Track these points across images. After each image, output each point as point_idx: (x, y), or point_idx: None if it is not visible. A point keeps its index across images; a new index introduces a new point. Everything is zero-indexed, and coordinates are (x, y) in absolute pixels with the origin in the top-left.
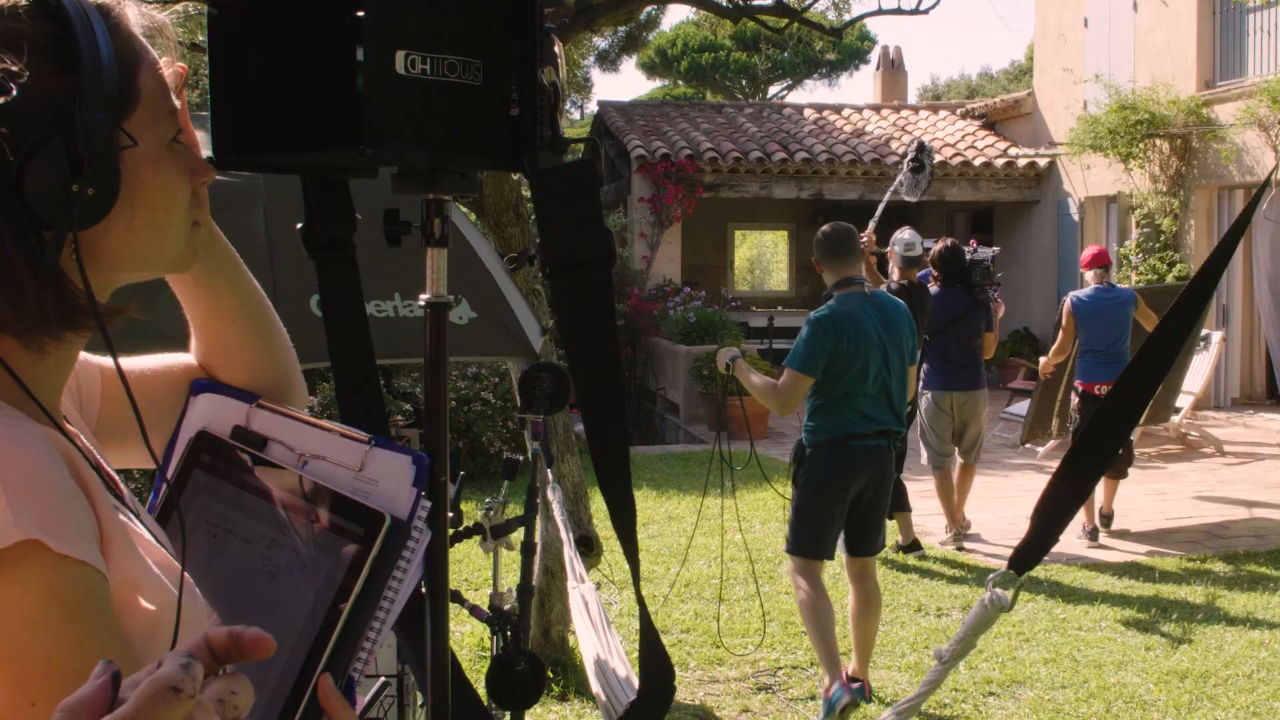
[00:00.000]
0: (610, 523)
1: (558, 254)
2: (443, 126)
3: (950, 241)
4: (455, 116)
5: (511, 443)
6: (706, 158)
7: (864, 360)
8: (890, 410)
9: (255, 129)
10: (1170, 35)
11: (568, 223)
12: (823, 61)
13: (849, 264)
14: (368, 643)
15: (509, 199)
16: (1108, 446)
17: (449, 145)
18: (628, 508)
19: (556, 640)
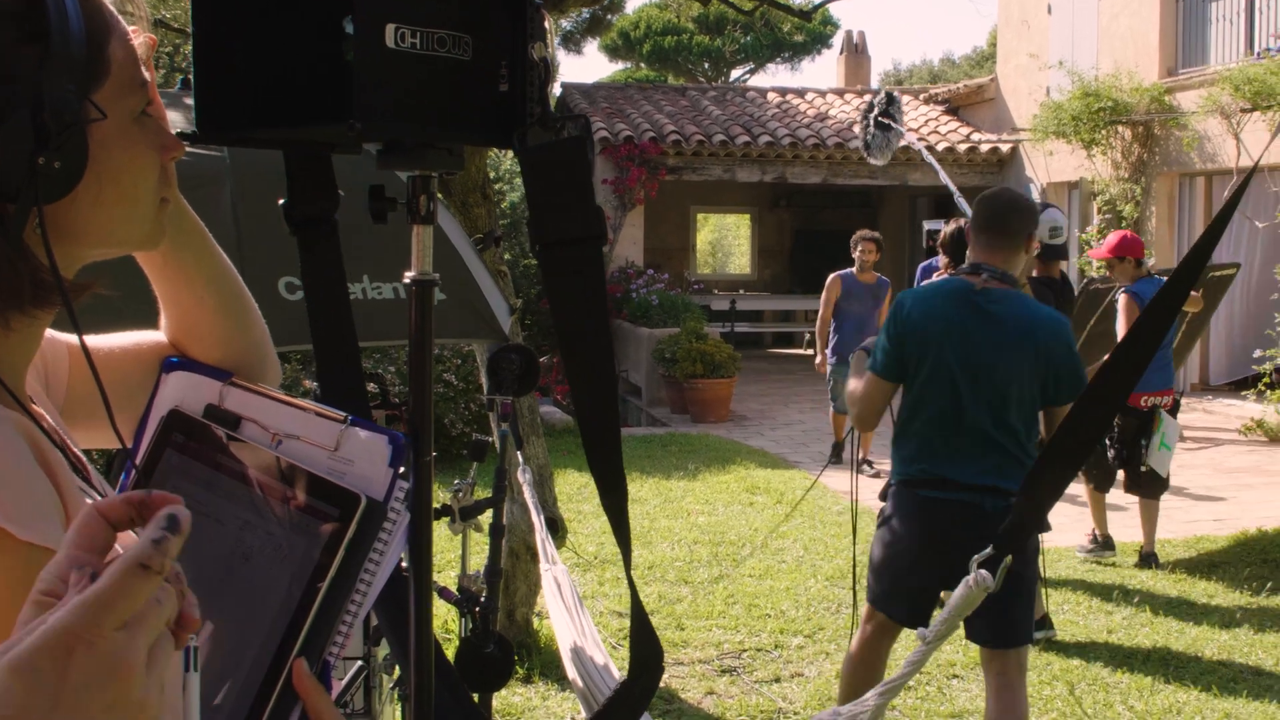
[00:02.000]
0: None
1: (547, 232)
2: (432, 101)
3: (964, 221)
4: (444, 91)
5: (474, 425)
6: (670, 140)
7: (927, 379)
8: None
9: (239, 103)
10: (1133, 22)
11: (557, 201)
12: (786, 45)
13: (993, 246)
14: (344, 626)
15: (476, 180)
16: (1093, 429)
17: (438, 121)
18: (619, 488)
19: (521, 622)
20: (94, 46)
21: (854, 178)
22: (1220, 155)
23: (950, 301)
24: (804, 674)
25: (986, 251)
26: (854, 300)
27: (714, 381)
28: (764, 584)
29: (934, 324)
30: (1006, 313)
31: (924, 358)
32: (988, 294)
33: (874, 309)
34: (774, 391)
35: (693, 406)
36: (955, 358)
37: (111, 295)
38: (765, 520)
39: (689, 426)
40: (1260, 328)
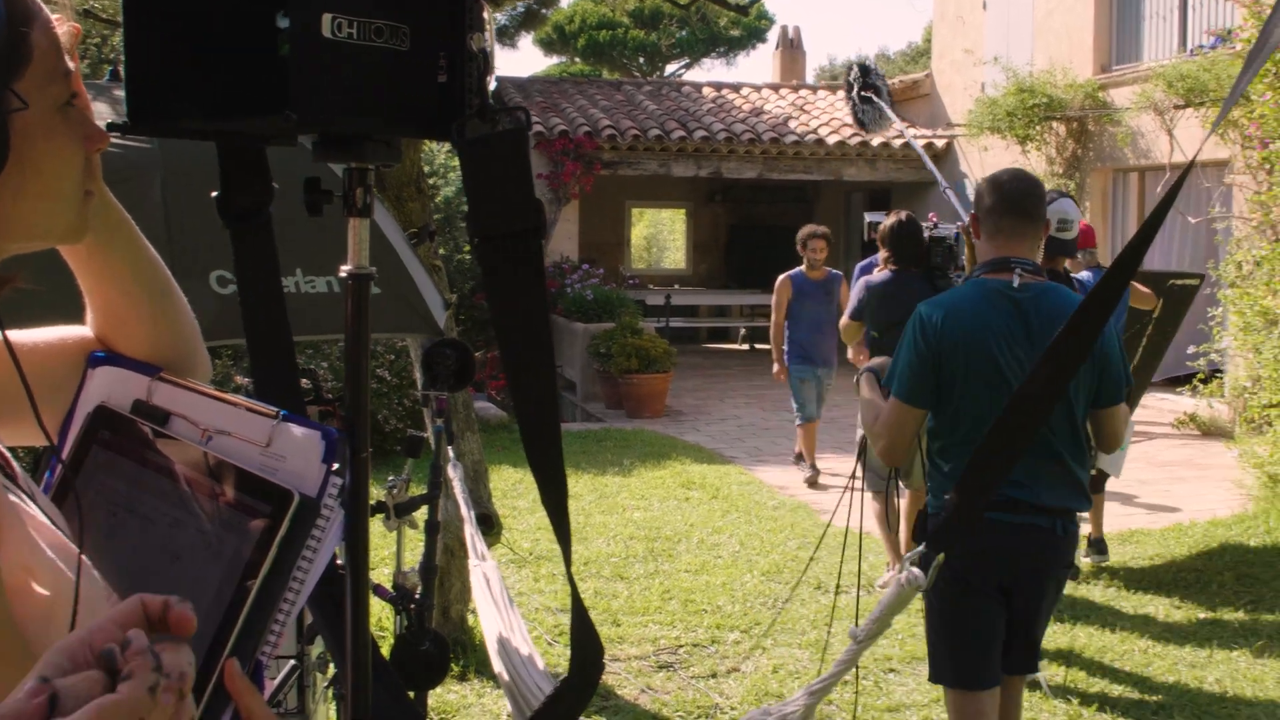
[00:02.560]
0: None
1: (486, 225)
2: (369, 93)
3: (905, 215)
4: (382, 83)
5: (408, 420)
6: (605, 135)
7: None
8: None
9: (172, 93)
10: (1068, 19)
11: (497, 193)
12: (721, 40)
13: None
14: (277, 625)
15: (410, 174)
16: (1028, 427)
17: (375, 112)
18: (559, 484)
19: (456, 619)
20: (14, 33)
21: (789, 173)
22: (1154, 151)
23: (988, 305)
24: (740, 669)
25: (1010, 241)
26: (807, 299)
27: (649, 377)
28: (700, 579)
29: (976, 333)
30: (1053, 308)
31: (970, 371)
32: (1028, 290)
33: (828, 305)
34: (709, 386)
35: (628, 402)
36: (1009, 366)
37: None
38: (700, 515)
39: (624, 422)
40: (1193, 324)
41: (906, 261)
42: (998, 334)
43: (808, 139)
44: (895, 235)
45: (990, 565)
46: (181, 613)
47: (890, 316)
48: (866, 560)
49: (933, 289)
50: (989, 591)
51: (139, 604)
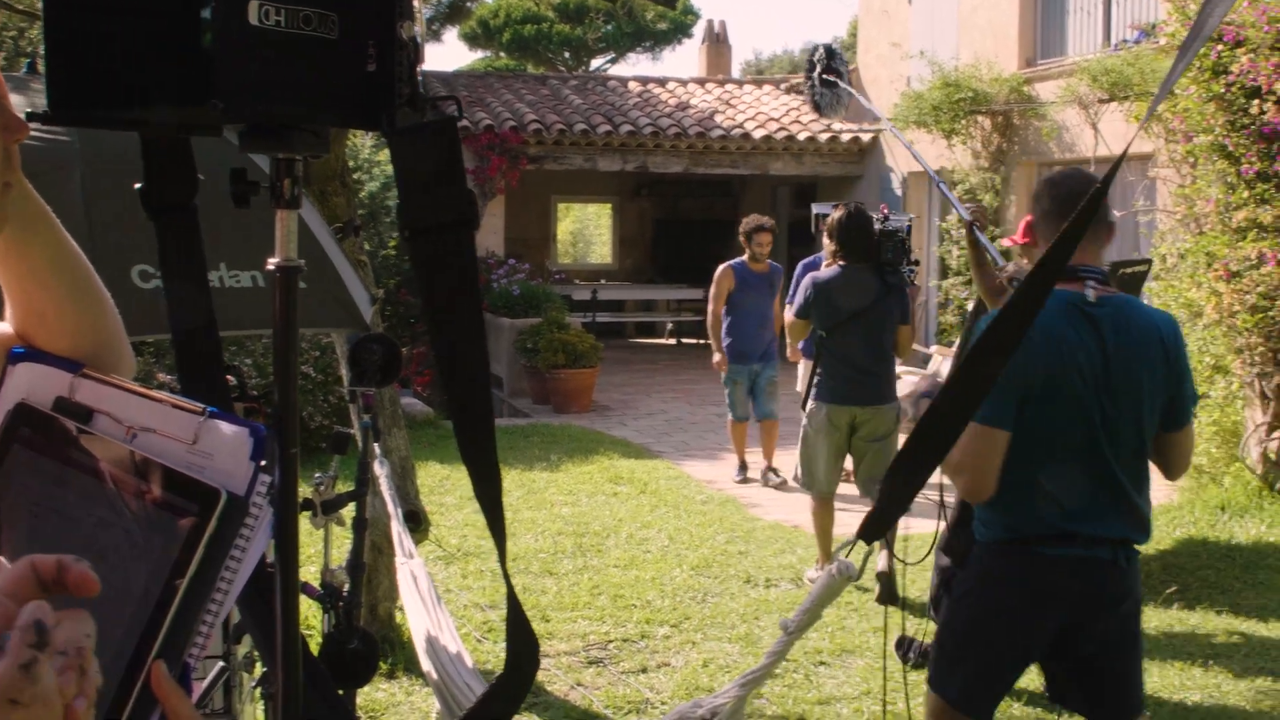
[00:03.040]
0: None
1: (417, 217)
2: (297, 81)
3: (853, 206)
4: (310, 71)
5: (333, 417)
6: (531, 129)
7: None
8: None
9: (95, 82)
10: (993, 13)
11: (427, 184)
12: (647, 34)
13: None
14: (205, 626)
15: (335, 167)
16: (956, 418)
17: (303, 101)
18: (493, 480)
19: (384, 617)
20: None
21: (715, 167)
22: (1078, 145)
23: (1062, 319)
24: (670, 664)
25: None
26: (749, 291)
27: (576, 372)
28: (629, 574)
29: (1051, 349)
30: (1130, 321)
31: (1045, 391)
32: (1104, 305)
33: (769, 299)
34: (636, 381)
35: (555, 397)
36: (1089, 387)
37: None
38: (629, 510)
39: (551, 417)
40: None
41: (856, 256)
42: (1073, 351)
43: (734, 133)
44: (844, 228)
45: (1049, 607)
46: (80, 571)
47: (839, 314)
48: (795, 554)
49: (884, 285)
50: (1036, 633)
51: (29, 567)
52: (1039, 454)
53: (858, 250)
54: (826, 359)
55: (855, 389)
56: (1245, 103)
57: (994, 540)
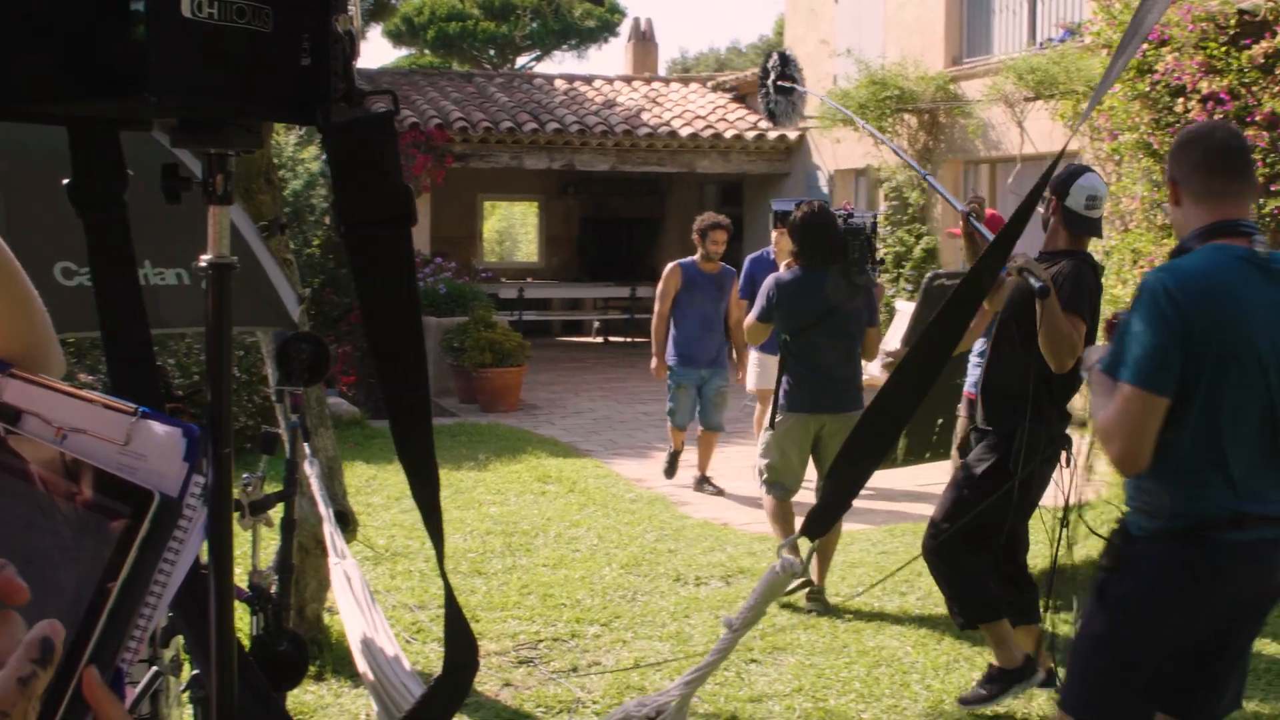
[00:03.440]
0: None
1: (353, 213)
2: (230, 75)
3: (816, 204)
4: (244, 65)
5: (258, 417)
6: (456, 127)
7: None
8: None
9: (22, 75)
10: (919, 11)
11: (364, 180)
12: (573, 32)
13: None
14: (138, 630)
15: (260, 165)
16: (899, 412)
17: (236, 95)
18: (431, 480)
19: (312, 619)
20: None
21: (642, 165)
22: (1004, 143)
23: (1236, 275)
24: (601, 662)
25: (1226, 202)
26: (697, 293)
27: (503, 370)
28: (559, 573)
29: (1227, 308)
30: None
31: (1224, 355)
32: (1274, 257)
33: (720, 302)
34: (563, 380)
35: (482, 396)
36: (1267, 351)
37: None
38: (557, 509)
39: (478, 416)
40: None
41: (820, 256)
42: (1251, 309)
43: (661, 131)
44: (807, 227)
45: (1221, 599)
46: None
47: (804, 317)
48: (725, 552)
49: (850, 286)
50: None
51: None
52: (1211, 425)
53: (821, 250)
54: (792, 365)
55: (823, 396)
56: (1170, 101)
57: (1160, 531)
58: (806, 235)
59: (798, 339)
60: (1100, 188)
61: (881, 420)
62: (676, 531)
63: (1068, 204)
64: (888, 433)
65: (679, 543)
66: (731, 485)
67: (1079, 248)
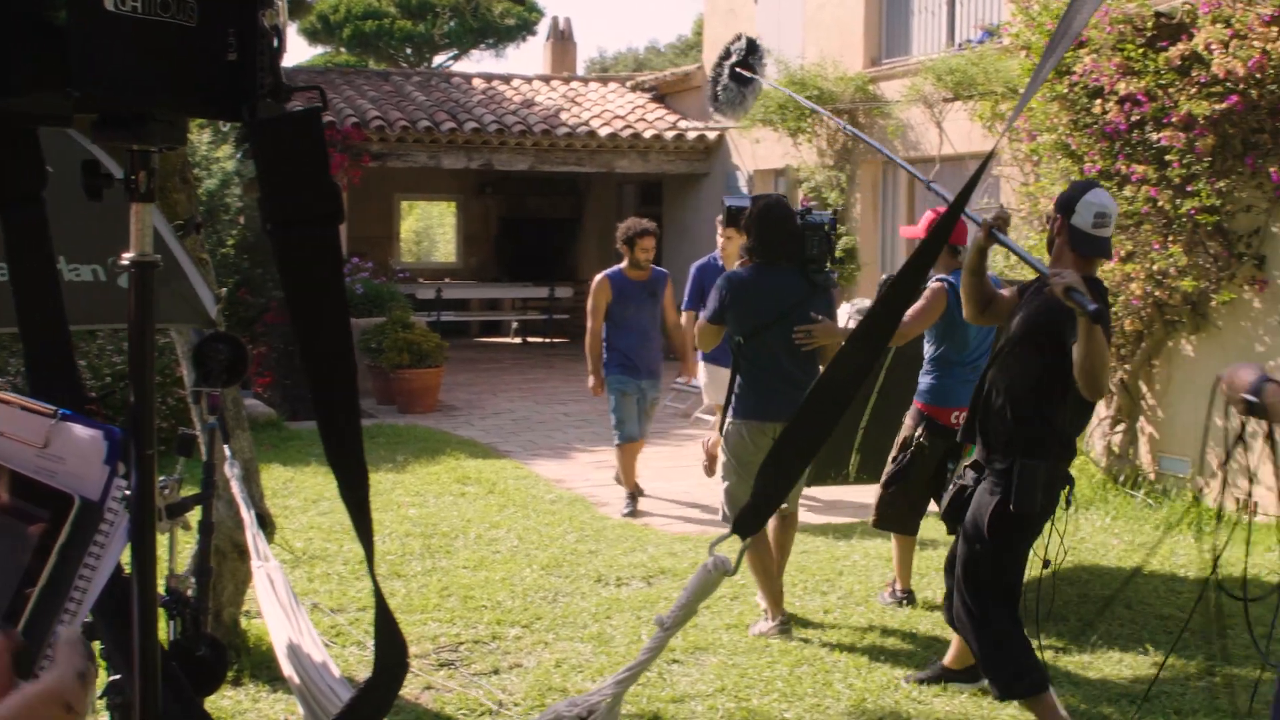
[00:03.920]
0: (281, 501)
1: (280, 210)
2: (154, 70)
3: (774, 197)
4: (168, 59)
5: (171, 419)
6: (373, 126)
7: None
8: None
9: None
10: (838, 12)
11: (291, 177)
12: (492, 31)
13: None
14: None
15: (175, 164)
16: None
17: (160, 90)
18: (360, 482)
19: (229, 623)
20: None
21: (561, 165)
22: (923, 144)
23: None
24: (523, 664)
25: None
26: (629, 303)
27: (421, 371)
28: (479, 575)
29: None
30: None
31: None
32: None
33: (654, 309)
34: (482, 380)
35: (400, 397)
36: None
37: None
38: (477, 511)
39: (396, 417)
40: None
41: (776, 253)
42: None
43: (579, 131)
44: (764, 221)
45: None
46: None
47: (759, 318)
48: (645, 553)
49: (809, 285)
50: None
51: None
52: None
53: (778, 247)
54: (746, 368)
55: (779, 402)
56: (1088, 102)
57: None
58: (763, 230)
59: (752, 341)
60: (1110, 204)
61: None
62: (597, 532)
63: (1074, 222)
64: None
65: (600, 543)
66: (651, 486)
67: (1088, 271)
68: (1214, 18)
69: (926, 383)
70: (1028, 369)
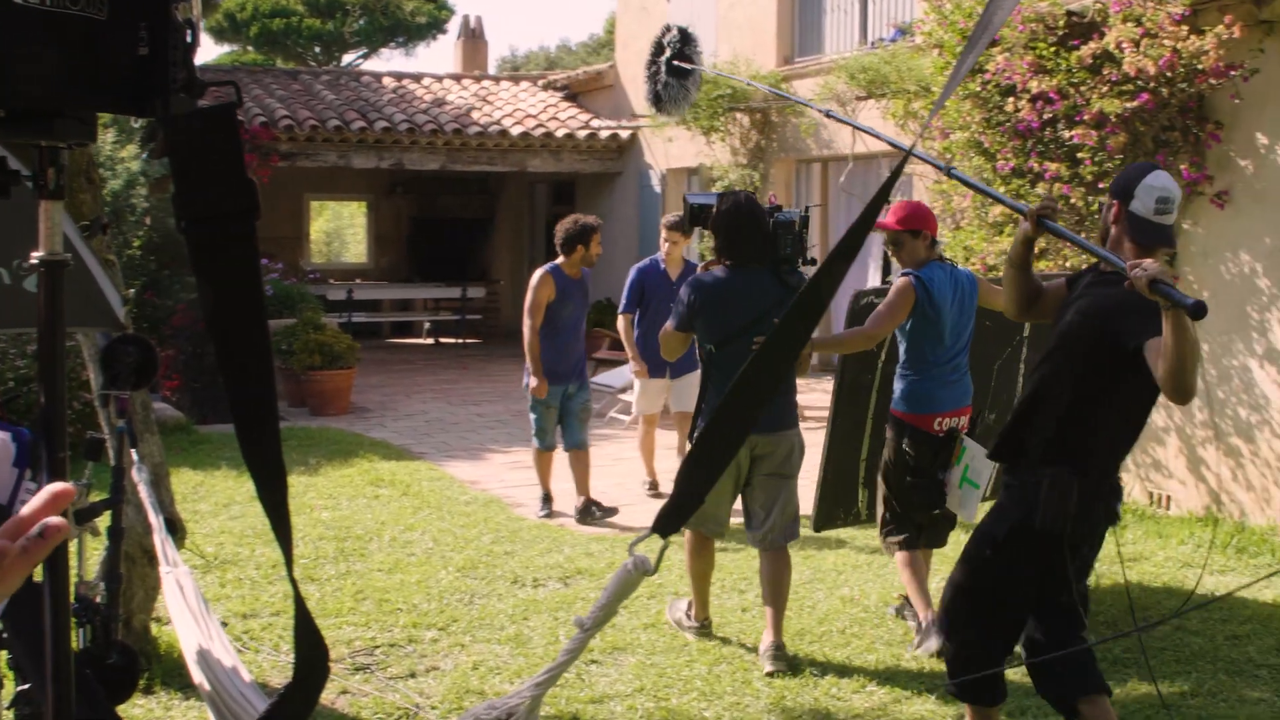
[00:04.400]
0: (191, 505)
1: (195, 206)
2: (63, 64)
3: (742, 194)
4: (77, 53)
5: (76, 423)
6: (282, 125)
7: None
8: None
9: None
10: (751, 11)
11: (206, 173)
12: (401, 29)
13: None
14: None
15: (80, 163)
16: (749, 409)
17: (70, 85)
18: (279, 483)
19: (140, 630)
20: None
21: (472, 164)
22: (836, 142)
23: None
24: (440, 667)
25: None
26: (568, 302)
27: (333, 373)
28: (394, 578)
29: None
30: None
31: None
32: None
33: (585, 310)
34: (394, 382)
35: (311, 399)
36: None
37: None
38: (391, 513)
39: (308, 420)
40: None
41: (747, 254)
42: None
43: (491, 130)
44: (732, 221)
45: None
46: None
47: (731, 325)
48: (562, 553)
49: (783, 287)
50: None
51: None
52: None
53: (749, 247)
54: (718, 379)
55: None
56: (1000, 100)
57: None
58: (732, 230)
59: (725, 350)
60: (1173, 187)
61: (733, 416)
62: (513, 533)
63: (1133, 209)
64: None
65: (515, 545)
66: (566, 487)
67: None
68: (1125, 16)
69: (902, 388)
70: (1075, 371)
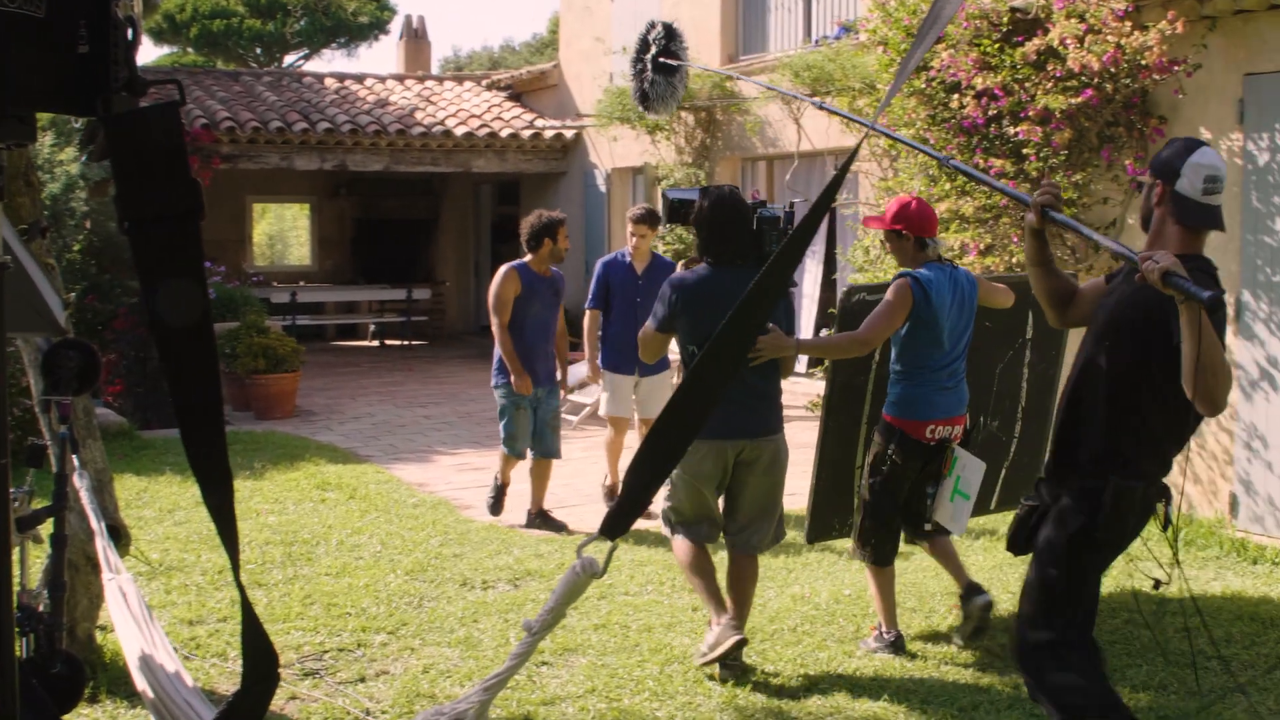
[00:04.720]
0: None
1: (137, 207)
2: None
3: (726, 188)
4: (14, 52)
5: (16, 429)
6: (223, 127)
7: None
8: None
9: None
10: (695, 10)
11: (148, 172)
12: (344, 29)
13: None
14: None
15: (18, 165)
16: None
17: (7, 84)
18: (224, 487)
19: (84, 638)
20: None
21: (416, 165)
22: (781, 140)
23: None
24: (389, 671)
25: None
26: (534, 300)
27: (277, 376)
28: (342, 582)
29: None
30: None
31: None
32: None
33: (556, 309)
34: (340, 385)
35: (256, 403)
36: None
37: None
38: (339, 517)
39: (253, 424)
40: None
41: (731, 251)
42: None
43: (435, 130)
44: (716, 216)
45: None
46: None
47: (715, 326)
48: (511, 555)
49: None
50: None
51: None
52: None
53: (733, 244)
54: None
55: (743, 417)
56: (945, 97)
57: None
58: (715, 227)
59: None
60: (1220, 164)
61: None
62: (461, 536)
63: (1179, 188)
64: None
65: (464, 547)
66: (517, 488)
67: (1195, 248)
68: (1068, 13)
69: (895, 393)
70: (1115, 372)
